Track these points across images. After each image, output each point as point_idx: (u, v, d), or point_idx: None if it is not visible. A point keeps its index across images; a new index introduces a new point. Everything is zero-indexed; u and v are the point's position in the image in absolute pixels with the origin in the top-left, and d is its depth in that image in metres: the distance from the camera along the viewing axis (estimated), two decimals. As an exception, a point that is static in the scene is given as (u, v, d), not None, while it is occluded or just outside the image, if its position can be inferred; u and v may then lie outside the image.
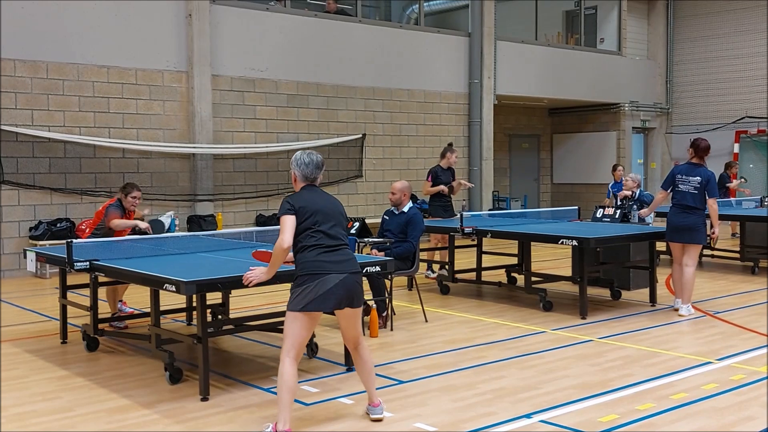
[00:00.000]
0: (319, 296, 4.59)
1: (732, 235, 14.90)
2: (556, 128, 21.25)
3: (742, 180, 16.01)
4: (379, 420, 4.91)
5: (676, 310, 8.24)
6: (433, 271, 10.87)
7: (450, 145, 11.42)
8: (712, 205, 8.08)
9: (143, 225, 7.88)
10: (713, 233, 8.27)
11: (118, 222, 7.81)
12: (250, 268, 5.04)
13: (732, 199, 14.54)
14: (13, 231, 11.58)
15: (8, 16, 11.31)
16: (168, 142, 12.79)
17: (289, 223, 4.65)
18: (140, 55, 12.51)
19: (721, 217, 12.44)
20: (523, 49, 18.03)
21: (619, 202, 10.79)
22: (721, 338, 7.13)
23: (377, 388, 5.00)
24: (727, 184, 15.20)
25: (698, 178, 8.05)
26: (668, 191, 8.36)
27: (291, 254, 4.82)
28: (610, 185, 14.64)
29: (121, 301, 8.43)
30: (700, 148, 8.17)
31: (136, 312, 8.02)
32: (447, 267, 9.82)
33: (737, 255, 11.74)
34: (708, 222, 8.29)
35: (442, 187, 10.84)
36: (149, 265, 6.09)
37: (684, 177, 8.14)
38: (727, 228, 15.29)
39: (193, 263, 6.35)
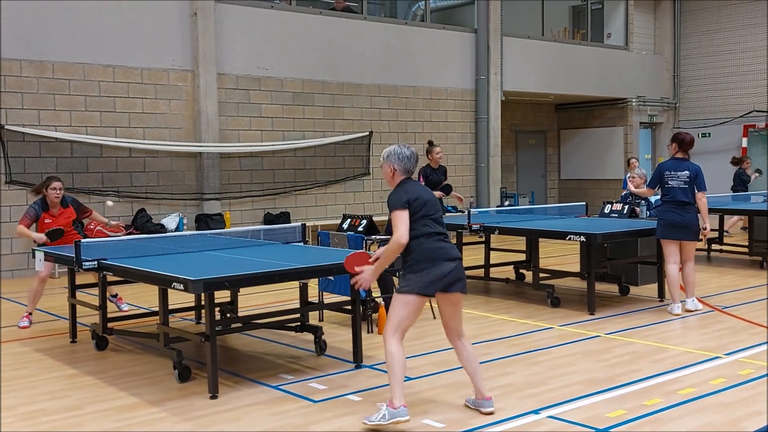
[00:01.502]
0: (438, 279, 4.80)
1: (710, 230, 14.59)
2: (563, 124, 21.21)
3: (757, 175, 15.85)
4: (490, 413, 4.91)
5: (676, 314, 7.93)
6: None
7: (430, 143, 11.14)
8: (701, 198, 7.94)
9: (41, 239, 7.73)
10: (705, 229, 8.08)
11: (23, 230, 7.83)
12: (355, 269, 5.03)
13: (749, 193, 14.27)
14: (21, 231, 11.62)
15: (14, 17, 11.36)
16: (174, 141, 12.82)
17: (404, 218, 4.83)
18: (146, 54, 12.54)
19: (732, 212, 12.45)
20: (530, 44, 18.00)
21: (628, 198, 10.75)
22: (729, 333, 7.11)
23: (385, 385, 5.00)
24: (743, 178, 15.07)
25: (686, 172, 7.92)
26: (655, 189, 8.24)
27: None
28: (627, 177, 14.59)
29: (115, 295, 8.45)
30: (685, 142, 8.01)
31: (141, 311, 8.05)
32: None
33: (745, 250, 11.71)
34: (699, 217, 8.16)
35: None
36: (157, 263, 6.11)
37: (672, 173, 7.97)
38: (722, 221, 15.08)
39: (200, 262, 6.36)
